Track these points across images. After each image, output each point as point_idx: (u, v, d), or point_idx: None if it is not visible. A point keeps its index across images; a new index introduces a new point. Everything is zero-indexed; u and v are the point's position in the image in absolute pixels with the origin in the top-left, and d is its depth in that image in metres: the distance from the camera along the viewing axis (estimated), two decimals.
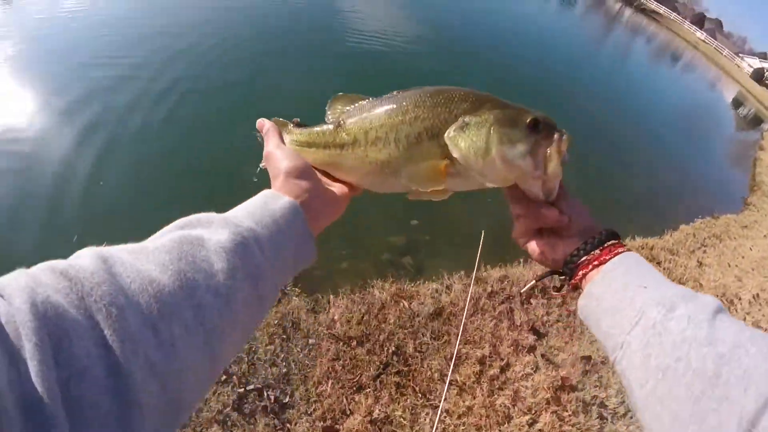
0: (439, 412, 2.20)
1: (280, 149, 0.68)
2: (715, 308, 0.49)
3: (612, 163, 6.64)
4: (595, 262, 0.59)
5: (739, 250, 5.42)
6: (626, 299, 0.53)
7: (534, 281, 0.72)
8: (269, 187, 0.63)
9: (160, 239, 0.45)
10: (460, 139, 0.61)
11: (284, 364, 2.39)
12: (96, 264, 0.37)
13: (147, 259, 0.40)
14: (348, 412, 2.23)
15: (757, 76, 36.11)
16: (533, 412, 2.35)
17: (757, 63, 41.26)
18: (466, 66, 8.20)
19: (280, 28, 7.42)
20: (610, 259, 0.58)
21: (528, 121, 0.60)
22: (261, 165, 0.71)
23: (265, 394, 2.29)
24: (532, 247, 0.66)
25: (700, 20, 58.63)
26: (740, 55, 45.20)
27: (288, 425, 2.18)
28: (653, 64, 20.78)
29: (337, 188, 0.69)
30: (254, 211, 0.53)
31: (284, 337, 2.47)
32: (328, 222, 0.65)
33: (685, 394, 0.44)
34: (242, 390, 2.28)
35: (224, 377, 2.34)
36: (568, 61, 11.86)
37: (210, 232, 0.47)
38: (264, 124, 0.73)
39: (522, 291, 2.20)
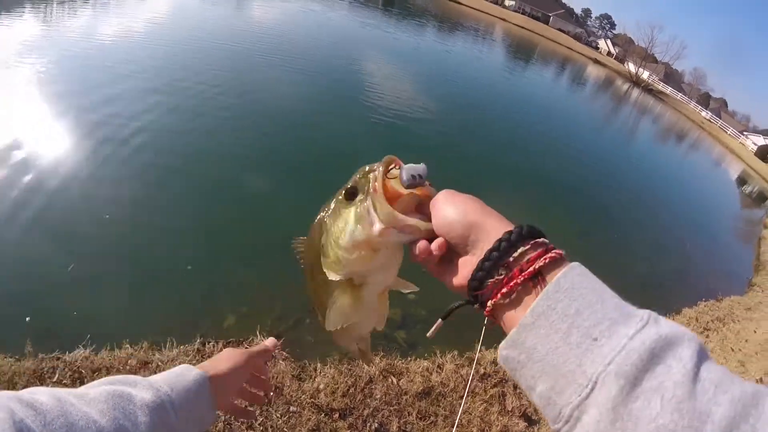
0: None
1: (242, 369, 0.76)
2: (693, 366, 0.36)
3: (613, 244, 6.64)
4: (504, 290, 0.44)
5: (743, 333, 5.30)
6: (571, 359, 0.38)
7: (440, 320, 0.58)
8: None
9: (96, 389, 0.54)
10: (326, 265, 0.58)
11: (261, 428, 2.28)
12: (52, 402, 0.47)
13: (89, 405, 0.50)
14: None
15: (762, 153, 36.81)
16: None
17: (761, 140, 42.17)
18: (475, 143, 8.45)
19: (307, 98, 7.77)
20: (528, 280, 0.43)
21: (342, 195, 0.56)
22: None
23: None
24: (445, 282, 0.53)
25: (705, 100, 60.71)
26: (745, 133, 46.36)
27: None
28: (659, 144, 21.28)
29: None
30: (171, 378, 0.63)
31: (265, 400, 2.37)
32: (227, 402, 0.74)
33: None
34: None
35: None
36: (574, 140, 12.19)
37: (136, 390, 0.57)
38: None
39: (428, 335, 2.12)
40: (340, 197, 0.57)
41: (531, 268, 0.43)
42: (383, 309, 0.65)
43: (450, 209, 0.51)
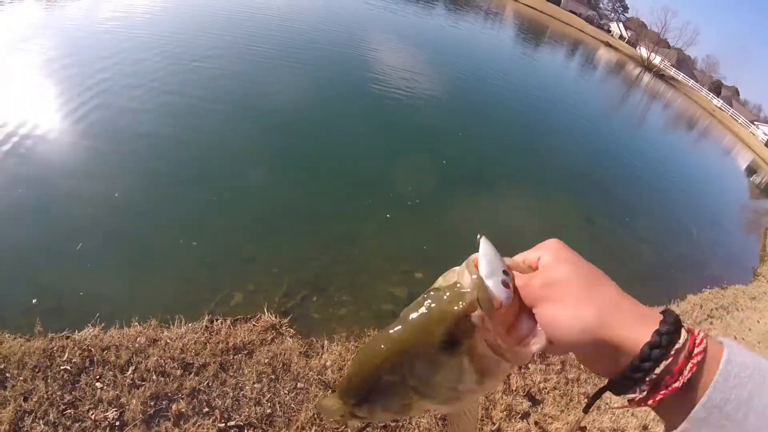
0: None
1: None
2: None
3: (621, 229, 6.60)
4: (658, 397, 0.40)
5: (746, 322, 5.31)
6: None
7: (583, 413, 0.53)
8: None
9: None
10: (433, 401, 0.49)
11: (269, 404, 2.32)
12: None
13: None
14: None
15: None
16: None
17: None
18: (481, 125, 8.35)
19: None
20: (694, 371, 0.39)
21: (441, 343, 0.44)
22: None
23: None
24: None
25: (717, 88, 59.43)
26: (755, 123, 45.54)
27: None
28: (669, 130, 20.96)
29: None
30: None
31: (273, 377, 2.41)
32: None
33: None
34: (223, 425, 2.21)
35: (206, 409, 2.28)
36: (583, 124, 12.03)
37: None
38: None
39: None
40: (436, 344, 0.44)
41: (688, 372, 0.39)
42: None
43: (565, 327, 0.43)
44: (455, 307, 0.44)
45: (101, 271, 3.00)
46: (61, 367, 2.18)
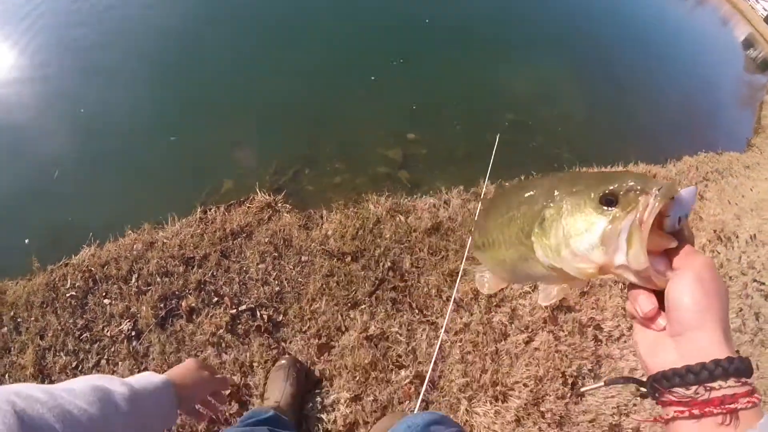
0: (443, 330, 2.17)
1: None
2: None
3: (617, 91, 6.37)
4: (696, 411, 0.42)
5: (740, 189, 5.34)
6: None
7: (602, 383, 0.61)
8: None
9: (79, 384, 0.63)
10: (538, 239, 0.55)
11: (277, 282, 2.34)
12: (46, 395, 0.55)
13: (77, 397, 0.59)
14: (343, 329, 2.20)
15: None
16: (530, 330, 2.34)
17: None
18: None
19: None
20: (725, 414, 0.41)
21: (600, 196, 0.49)
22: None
23: (258, 313, 2.25)
24: (636, 327, 0.52)
25: None
26: None
27: (282, 344, 2.16)
28: None
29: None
30: (140, 379, 0.74)
31: (276, 255, 2.39)
32: (189, 408, 0.85)
33: None
34: (235, 311, 2.24)
35: (216, 299, 2.30)
36: None
37: (112, 386, 0.67)
38: None
39: (582, 390, 2.09)
40: (594, 195, 0.50)
41: (733, 406, 0.41)
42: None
43: (692, 300, 0.45)
44: (638, 179, 0.48)
45: (84, 192, 2.89)
46: (67, 295, 2.19)
